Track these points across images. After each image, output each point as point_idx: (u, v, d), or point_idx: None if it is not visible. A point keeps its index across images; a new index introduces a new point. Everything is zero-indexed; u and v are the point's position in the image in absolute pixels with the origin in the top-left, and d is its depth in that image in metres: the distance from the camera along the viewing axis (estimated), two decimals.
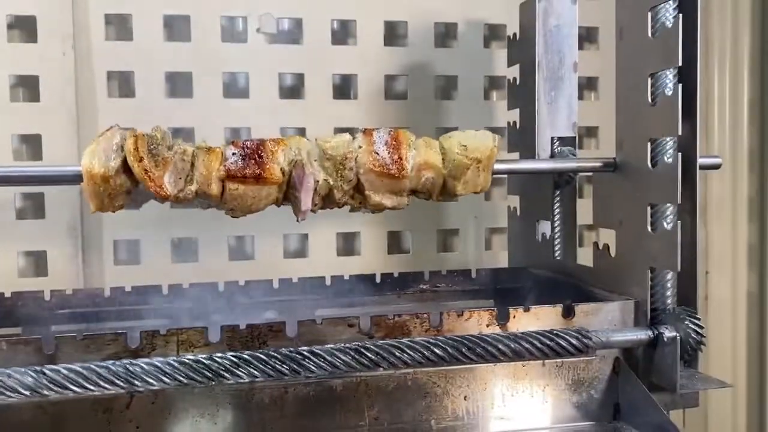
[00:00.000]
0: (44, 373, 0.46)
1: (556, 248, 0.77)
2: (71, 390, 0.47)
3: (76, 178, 0.54)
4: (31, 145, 0.87)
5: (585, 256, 0.74)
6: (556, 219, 0.77)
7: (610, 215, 0.66)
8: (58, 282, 0.84)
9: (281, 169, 0.55)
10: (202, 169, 0.54)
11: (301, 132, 0.93)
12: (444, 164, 0.59)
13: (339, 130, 0.94)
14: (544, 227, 0.80)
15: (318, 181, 0.56)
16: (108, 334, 0.52)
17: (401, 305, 0.81)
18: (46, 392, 0.46)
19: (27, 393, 0.45)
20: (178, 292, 0.77)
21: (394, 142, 0.56)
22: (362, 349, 0.53)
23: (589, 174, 0.76)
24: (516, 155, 0.84)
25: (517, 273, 0.84)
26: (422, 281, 0.83)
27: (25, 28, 0.86)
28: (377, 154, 0.56)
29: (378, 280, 0.82)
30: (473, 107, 0.99)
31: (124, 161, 0.52)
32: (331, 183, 0.57)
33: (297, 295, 0.78)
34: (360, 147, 0.57)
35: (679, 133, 0.58)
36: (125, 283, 0.78)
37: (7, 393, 0.45)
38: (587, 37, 1.03)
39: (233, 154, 0.54)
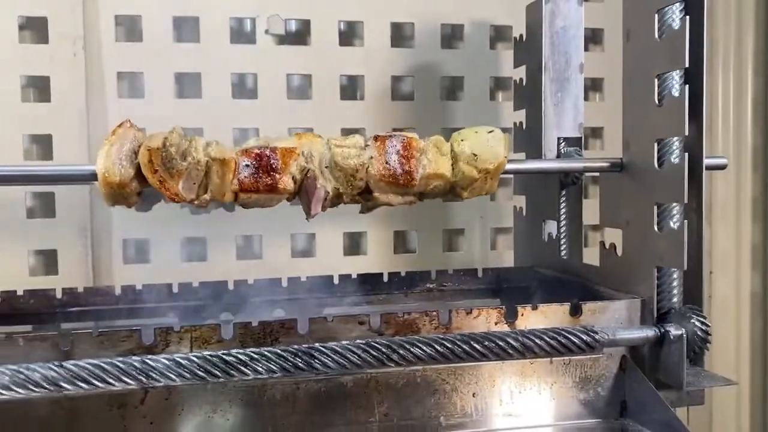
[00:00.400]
0: (66, 368, 0.47)
1: (562, 248, 0.77)
2: (94, 385, 0.48)
3: (90, 177, 0.55)
4: (42, 144, 0.88)
5: (590, 256, 0.75)
6: (562, 219, 0.78)
7: (616, 215, 0.67)
8: (69, 281, 0.85)
9: (293, 178, 0.56)
10: (216, 179, 0.55)
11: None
12: (453, 172, 0.59)
13: (346, 131, 0.96)
14: (550, 227, 0.81)
15: (329, 192, 0.57)
16: (123, 331, 0.53)
17: (409, 304, 0.82)
18: (69, 387, 0.47)
19: (50, 387, 0.46)
20: (188, 291, 0.78)
21: (405, 152, 0.57)
22: (374, 345, 0.54)
23: (596, 174, 0.76)
24: (522, 155, 0.85)
25: (523, 272, 0.85)
26: (429, 280, 0.83)
27: (36, 29, 0.87)
28: (388, 164, 0.57)
29: (386, 279, 0.82)
30: (479, 108, 0.99)
31: (139, 166, 0.53)
32: (341, 190, 0.58)
33: (305, 294, 0.79)
34: (371, 158, 0.57)
35: (686, 133, 0.58)
36: (134, 282, 0.79)
37: (31, 387, 0.46)
38: (593, 38, 1.04)
39: (246, 166, 0.54)
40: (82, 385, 0.48)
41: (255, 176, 0.55)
